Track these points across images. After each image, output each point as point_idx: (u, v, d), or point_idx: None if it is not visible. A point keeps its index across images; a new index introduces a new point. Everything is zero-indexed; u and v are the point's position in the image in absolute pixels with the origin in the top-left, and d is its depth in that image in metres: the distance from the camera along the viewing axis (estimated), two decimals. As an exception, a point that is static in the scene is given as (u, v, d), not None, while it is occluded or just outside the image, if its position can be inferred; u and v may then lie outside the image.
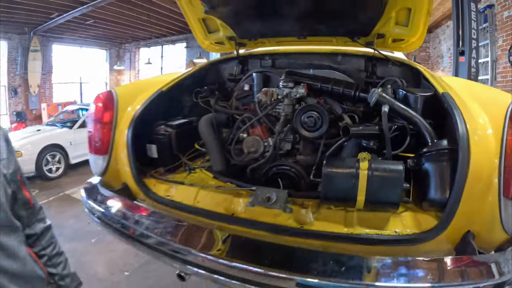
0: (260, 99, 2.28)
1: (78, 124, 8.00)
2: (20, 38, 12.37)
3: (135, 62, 16.47)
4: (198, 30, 2.74)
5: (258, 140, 2.13)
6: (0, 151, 1.11)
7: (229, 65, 2.92)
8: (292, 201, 1.71)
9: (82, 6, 9.29)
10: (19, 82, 12.70)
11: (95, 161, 2.19)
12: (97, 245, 4.21)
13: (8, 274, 1.07)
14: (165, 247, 1.58)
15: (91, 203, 2.02)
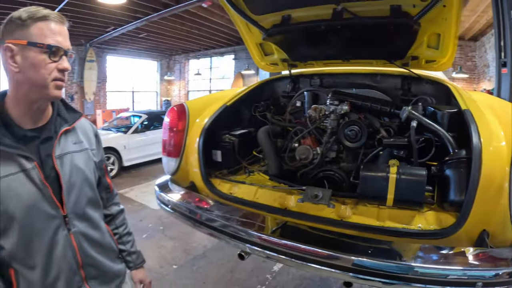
0: (310, 114, 2.58)
1: (132, 129, 8.40)
2: (77, 49, 13.15)
3: (185, 72, 16.89)
4: (255, 52, 3.10)
5: (308, 149, 2.40)
6: (91, 143, 1.36)
7: (283, 83, 3.24)
8: (335, 199, 2.01)
9: (136, 20, 9.71)
10: (75, 90, 13.56)
11: (168, 162, 2.61)
12: (148, 241, 4.52)
13: (90, 240, 1.27)
14: (229, 229, 1.94)
15: (163, 195, 2.42)
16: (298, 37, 2.67)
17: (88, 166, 1.29)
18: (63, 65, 1.12)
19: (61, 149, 1.21)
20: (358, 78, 2.91)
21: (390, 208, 1.85)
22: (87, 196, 1.28)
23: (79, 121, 1.32)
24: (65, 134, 1.24)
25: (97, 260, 1.30)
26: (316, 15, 2.36)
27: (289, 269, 3.61)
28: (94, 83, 13.87)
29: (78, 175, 1.24)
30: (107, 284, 1.36)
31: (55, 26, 1.14)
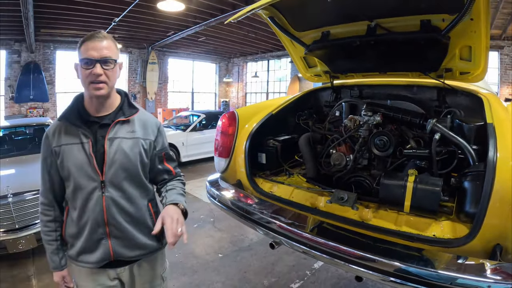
0: (346, 124, 2.72)
1: (190, 128, 8.78)
2: (140, 52, 14.14)
3: (243, 75, 17.23)
4: (300, 65, 3.30)
5: (342, 156, 2.54)
6: (148, 134, 1.66)
7: (326, 93, 3.39)
8: (360, 202, 2.15)
9: (195, 25, 10.10)
10: (138, 89, 14.50)
11: (219, 162, 2.92)
12: (198, 230, 4.81)
13: (119, 208, 1.58)
14: (263, 221, 2.20)
15: (213, 189, 2.72)
16: (337, 51, 2.81)
17: (133, 151, 1.59)
18: (94, 71, 1.45)
19: (113, 134, 1.57)
20: (395, 89, 2.97)
21: (408, 214, 1.96)
22: (126, 173, 1.58)
23: (136, 115, 1.65)
24: (121, 124, 1.60)
25: (123, 226, 1.59)
26: (353, 31, 2.50)
27: (328, 267, 3.70)
28: (155, 83, 14.69)
29: (121, 156, 1.56)
30: (129, 249, 1.63)
31: (91, 43, 1.46)
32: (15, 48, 11.46)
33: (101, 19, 9.50)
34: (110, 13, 8.86)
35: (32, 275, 3.92)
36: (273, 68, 16.35)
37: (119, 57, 1.56)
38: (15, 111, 11.75)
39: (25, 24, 8.71)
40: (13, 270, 4.07)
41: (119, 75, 1.59)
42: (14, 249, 3.88)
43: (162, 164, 1.76)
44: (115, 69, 1.53)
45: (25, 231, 3.93)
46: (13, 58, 11.53)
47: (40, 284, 3.74)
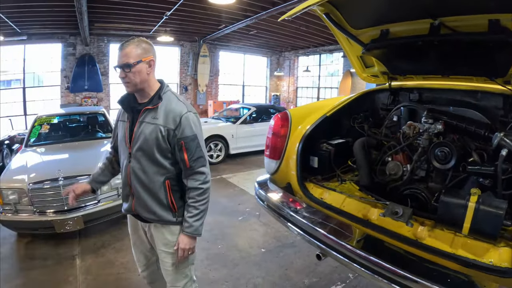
0: (405, 131, 2.54)
1: (240, 120, 8.74)
2: (191, 45, 14.25)
3: (294, 69, 16.83)
4: (357, 64, 3.12)
5: (399, 165, 2.39)
6: (169, 122, 1.83)
7: (383, 95, 3.19)
8: (415, 218, 2.00)
9: (246, 18, 9.94)
10: (189, 81, 14.63)
11: (269, 163, 2.85)
12: (242, 223, 4.78)
13: (137, 177, 1.91)
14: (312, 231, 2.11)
15: (262, 192, 2.69)
16: (396, 51, 2.64)
17: (151, 135, 1.84)
18: (119, 75, 1.82)
19: (142, 118, 1.88)
20: (457, 94, 2.72)
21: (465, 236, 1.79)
22: (143, 151, 1.87)
23: (160, 104, 1.86)
24: (149, 111, 1.87)
25: (138, 191, 1.93)
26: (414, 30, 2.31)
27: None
28: (206, 76, 14.75)
29: (141, 136, 1.86)
30: (143, 210, 1.96)
31: (118, 52, 1.80)
32: (70, 41, 12.09)
33: (152, 13, 9.66)
34: (162, 7, 8.97)
35: (77, 255, 4.08)
36: (325, 63, 15.86)
37: (143, 57, 1.80)
38: (70, 100, 12.38)
39: (79, 19, 9.01)
40: (59, 248, 4.26)
41: (148, 70, 1.84)
42: (62, 229, 4.06)
43: (180, 153, 1.87)
44: (137, 69, 1.79)
45: (74, 213, 4.09)
46: (69, 50, 12.17)
47: (83, 263, 3.89)
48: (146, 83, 1.86)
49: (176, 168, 1.93)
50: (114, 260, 3.90)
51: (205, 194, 1.91)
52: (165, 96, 1.90)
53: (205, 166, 1.91)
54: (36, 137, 5.86)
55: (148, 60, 1.82)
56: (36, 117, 6.21)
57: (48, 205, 4.07)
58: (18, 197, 4.05)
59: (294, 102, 16.81)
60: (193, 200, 1.89)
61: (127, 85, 1.85)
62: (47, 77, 13.44)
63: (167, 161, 1.90)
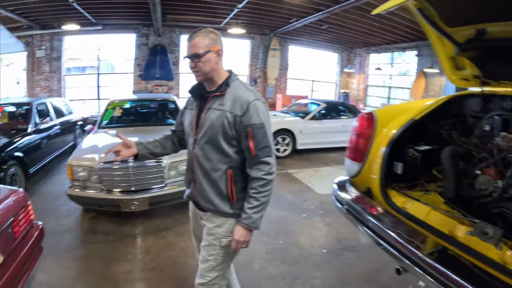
0: (498, 143, 2.26)
1: (310, 116, 8.58)
2: (262, 38, 14.22)
3: (365, 66, 16.20)
4: (447, 65, 2.84)
5: (490, 180, 2.15)
6: (235, 109, 1.81)
7: (473, 101, 2.87)
8: (504, 241, 1.77)
9: (318, 12, 9.71)
10: (259, 74, 14.65)
11: (351, 165, 2.71)
12: (306, 221, 4.67)
13: (199, 164, 1.92)
14: (396, 243, 1.98)
15: (342, 194, 2.58)
16: (493, 54, 2.38)
17: (217, 121, 1.82)
18: (189, 65, 1.86)
19: (209, 105, 1.89)
20: None
21: None
22: (208, 138, 1.86)
23: (228, 91, 1.86)
24: (216, 97, 1.88)
25: (200, 178, 1.94)
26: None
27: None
28: (276, 69, 14.64)
29: (208, 122, 1.85)
30: (202, 198, 1.96)
31: (187, 43, 1.84)
32: (144, 32, 12.78)
33: (224, 5, 9.75)
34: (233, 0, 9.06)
35: (138, 234, 4.23)
36: (397, 61, 15.01)
37: (211, 47, 1.81)
38: (141, 87, 13.07)
39: (153, 10, 9.36)
40: (122, 227, 4.44)
41: (217, 60, 1.86)
42: (127, 209, 4.23)
43: (246, 140, 1.82)
44: (205, 58, 1.81)
45: (140, 194, 4.23)
46: (142, 40, 12.89)
47: (143, 243, 4.01)
48: (215, 72, 1.88)
49: (241, 157, 1.90)
50: (174, 243, 3.98)
51: (268, 185, 1.83)
52: (233, 84, 1.90)
53: (271, 156, 1.85)
54: (108, 120, 6.21)
55: (216, 50, 1.84)
56: (110, 101, 6.56)
57: (116, 184, 4.26)
58: (87, 174, 4.29)
59: (364, 101, 16.17)
60: (255, 191, 1.83)
61: (197, 74, 1.88)
62: (119, 65, 14.42)
63: (231, 149, 1.87)
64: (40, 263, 3.03)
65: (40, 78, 12.55)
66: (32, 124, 6.52)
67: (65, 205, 5.09)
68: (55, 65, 12.52)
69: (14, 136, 5.95)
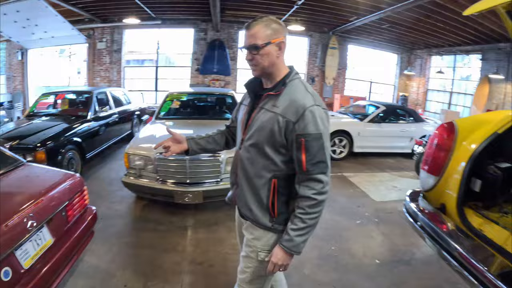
0: None
1: (369, 118, 8.24)
2: (320, 36, 13.94)
3: (425, 69, 15.28)
4: None
5: None
6: (288, 113, 1.57)
7: None
8: None
9: (380, 11, 9.33)
10: (316, 73, 14.37)
11: (426, 178, 2.50)
12: (359, 228, 4.47)
13: (243, 167, 1.74)
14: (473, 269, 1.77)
15: (415, 209, 2.38)
16: None
17: (266, 124, 1.62)
18: (245, 57, 1.66)
19: (262, 104, 1.69)
20: None
21: None
22: (254, 140, 1.67)
23: (283, 92, 1.64)
24: (270, 97, 1.67)
25: (243, 183, 1.77)
26: None
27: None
28: (334, 69, 14.29)
29: (257, 123, 1.67)
30: (242, 204, 1.80)
31: (244, 32, 1.64)
32: (202, 27, 13.04)
33: (283, 1, 9.64)
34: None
35: (189, 227, 4.22)
36: (460, 65, 14.04)
37: (272, 38, 1.60)
38: (198, 81, 13.35)
39: (212, 6, 9.45)
40: (173, 217, 4.46)
41: (278, 53, 1.64)
42: (180, 200, 4.24)
43: (298, 152, 1.57)
44: (265, 51, 1.60)
45: (195, 187, 4.23)
46: (200, 35, 13.16)
47: (194, 236, 3.99)
48: (274, 67, 1.66)
49: (289, 168, 1.66)
50: (225, 238, 3.94)
51: (317, 207, 1.57)
52: (291, 84, 1.66)
53: (325, 173, 1.58)
54: (166, 111, 6.29)
55: (278, 42, 1.62)
56: (168, 93, 6.66)
57: (171, 175, 4.29)
58: (144, 163, 4.36)
59: (423, 105, 15.32)
60: (302, 211, 1.58)
61: (254, 68, 1.67)
62: (177, 59, 14.89)
63: (278, 157, 1.64)
64: (90, 245, 3.09)
65: (100, 68, 13.32)
66: (92, 111, 6.81)
67: (119, 191, 5.24)
68: (115, 57, 13.20)
69: (73, 122, 6.24)
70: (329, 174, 1.59)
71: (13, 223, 2.21)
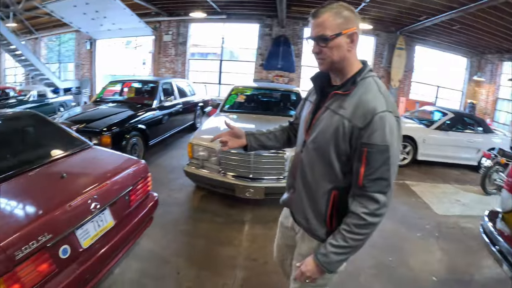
0: None
1: (436, 125, 7.78)
2: (387, 35, 13.39)
3: (496, 76, 14.04)
4: None
5: None
6: (356, 118, 1.37)
7: None
8: None
9: (451, 10, 8.85)
10: (382, 74, 13.74)
11: (508, 199, 2.40)
12: (419, 241, 4.23)
13: (303, 172, 1.59)
14: None
15: (492, 229, 2.30)
16: None
17: (331, 127, 1.44)
18: (312, 49, 1.47)
19: (328, 104, 1.51)
20: None
21: None
22: (316, 145, 1.51)
23: (352, 92, 1.43)
24: (337, 96, 1.48)
25: (301, 189, 1.62)
26: None
27: None
28: (400, 70, 13.69)
29: (321, 125, 1.50)
30: (298, 211, 1.67)
31: (311, 21, 1.46)
32: (267, 22, 13.09)
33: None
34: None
35: (247, 221, 4.23)
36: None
37: (344, 28, 1.39)
38: (262, 76, 13.45)
39: (278, 1, 9.43)
40: (231, 210, 4.50)
41: (349, 46, 1.43)
42: (241, 194, 4.26)
43: (358, 162, 1.38)
44: (335, 43, 1.40)
45: (257, 182, 4.23)
46: (265, 31, 13.23)
47: (250, 231, 4.00)
48: (345, 62, 1.46)
49: (350, 180, 1.47)
50: (281, 237, 3.91)
51: (365, 228, 1.39)
52: (363, 83, 1.45)
53: (385, 193, 1.37)
54: (231, 104, 6.38)
55: (350, 33, 1.41)
56: (234, 87, 6.75)
57: (234, 169, 4.32)
58: (207, 155, 4.43)
59: (492, 115, 14.05)
60: (347, 229, 1.41)
61: (321, 62, 1.47)
62: (241, 53, 15.19)
63: (339, 166, 1.46)
64: (147, 230, 3.20)
65: (165, 60, 13.99)
66: (157, 100, 7.11)
67: (178, 179, 5.41)
68: (181, 49, 13.76)
69: (139, 110, 6.54)
70: (390, 195, 1.39)
71: (77, 203, 2.29)
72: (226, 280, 3.07)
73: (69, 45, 17.73)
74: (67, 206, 2.22)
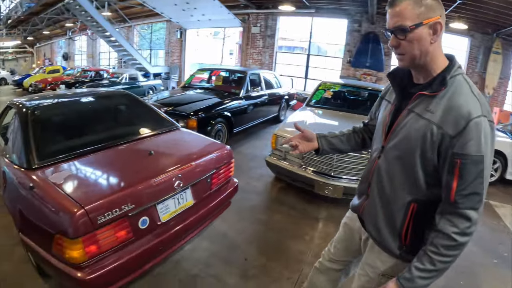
0: None
1: None
2: (483, 37, 11.88)
3: None
4: None
5: None
6: (447, 123, 1.23)
7: None
8: None
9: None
10: (476, 79, 12.30)
11: None
12: (495, 268, 3.87)
13: (379, 181, 1.48)
14: None
15: None
16: None
17: (416, 133, 1.29)
18: (390, 43, 1.32)
19: (412, 106, 1.36)
20: None
21: None
22: (399, 152, 1.37)
23: (441, 93, 1.27)
24: (423, 98, 1.32)
25: (375, 198, 1.50)
26: None
27: None
28: (496, 77, 12.17)
29: (403, 131, 1.36)
30: (370, 220, 1.55)
31: (388, 9, 1.30)
32: (356, 18, 12.56)
33: (447, -5, 8.60)
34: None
35: (321, 219, 4.24)
36: None
37: (425, 17, 1.23)
38: (349, 73, 13.05)
39: None
40: (307, 206, 4.54)
41: (433, 39, 1.26)
42: (320, 191, 4.30)
43: (449, 175, 1.23)
44: (415, 35, 1.24)
45: (337, 181, 4.24)
46: (354, 27, 12.71)
47: (323, 229, 4.01)
48: (428, 57, 1.29)
49: (433, 193, 1.32)
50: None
51: (455, 250, 1.24)
52: (453, 82, 1.28)
53: (477, 209, 1.22)
54: (317, 100, 6.42)
55: (432, 23, 1.24)
56: (321, 82, 6.78)
57: (317, 165, 4.37)
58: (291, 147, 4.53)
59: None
60: (435, 251, 1.26)
61: (401, 58, 1.33)
62: (328, 48, 15.01)
63: (423, 177, 1.32)
64: (223, 213, 3.35)
65: (253, 51, 14.38)
66: (244, 90, 7.39)
67: (258, 169, 5.62)
68: (268, 42, 14.01)
69: (225, 98, 6.87)
70: (481, 212, 1.24)
71: (162, 180, 2.47)
72: (291, 275, 3.10)
73: (160, 34, 19.30)
74: (152, 181, 2.41)
